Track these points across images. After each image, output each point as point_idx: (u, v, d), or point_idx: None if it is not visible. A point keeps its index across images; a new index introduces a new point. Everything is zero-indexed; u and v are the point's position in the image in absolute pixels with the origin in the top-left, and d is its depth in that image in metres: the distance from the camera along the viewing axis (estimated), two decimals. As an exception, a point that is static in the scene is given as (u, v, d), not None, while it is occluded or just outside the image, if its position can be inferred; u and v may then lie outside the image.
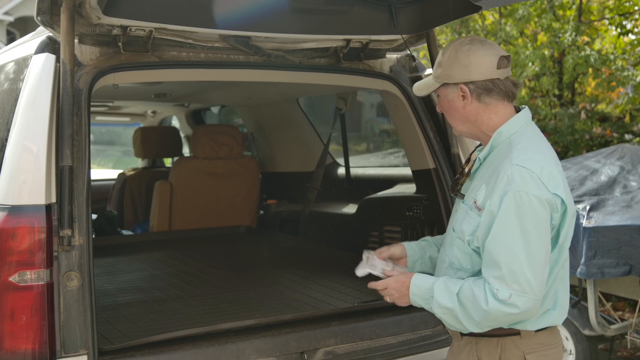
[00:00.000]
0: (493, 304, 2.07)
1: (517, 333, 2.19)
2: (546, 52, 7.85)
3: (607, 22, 8.63)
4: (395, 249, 2.49)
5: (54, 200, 2.34)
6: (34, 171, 2.33)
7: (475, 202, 2.20)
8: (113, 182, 6.61)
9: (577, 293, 4.72)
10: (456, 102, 2.24)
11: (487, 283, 2.10)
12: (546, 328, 2.23)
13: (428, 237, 2.61)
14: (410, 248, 2.52)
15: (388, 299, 2.32)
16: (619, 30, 8.18)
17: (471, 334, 2.26)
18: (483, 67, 2.19)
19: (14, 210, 2.28)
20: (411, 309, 2.90)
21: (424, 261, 2.52)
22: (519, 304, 2.05)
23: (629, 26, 8.24)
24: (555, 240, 2.14)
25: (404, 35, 3.14)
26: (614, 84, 7.56)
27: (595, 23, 8.54)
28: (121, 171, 6.71)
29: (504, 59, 2.22)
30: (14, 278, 2.25)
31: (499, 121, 2.23)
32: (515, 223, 2.05)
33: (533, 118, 2.59)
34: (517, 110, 2.29)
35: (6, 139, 2.44)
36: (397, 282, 2.30)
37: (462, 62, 2.20)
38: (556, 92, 8.37)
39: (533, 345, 2.21)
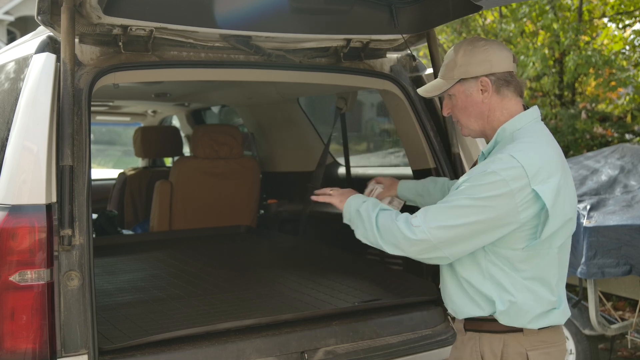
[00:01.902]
0: (402, 223, 2.22)
1: (519, 330, 2.22)
2: (546, 52, 7.85)
3: (606, 20, 8.63)
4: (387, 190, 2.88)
5: (54, 199, 2.34)
6: (34, 171, 2.33)
7: None
8: (113, 181, 6.61)
9: (578, 293, 4.72)
10: (475, 97, 2.28)
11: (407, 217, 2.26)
12: (549, 327, 2.25)
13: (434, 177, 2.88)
14: (405, 189, 2.84)
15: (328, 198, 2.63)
16: (619, 26, 8.19)
17: (474, 330, 2.28)
18: (502, 60, 2.25)
19: (14, 210, 2.28)
20: (411, 308, 2.90)
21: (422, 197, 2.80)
22: (417, 234, 2.17)
23: (628, 23, 8.25)
24: (532, 236, 2.16)
25: (404, 35, 3.13)
26: (614, 83, 7.56)
27: (596, 21, 8.54)
28: (121, 171, 6.71)
29: (515, 56, 2.31)
30: (14, 278, 2.25)
31: (508, 117, 2.28)
32: (470, 188, 2.13)
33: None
34: (526, 109, 2.32)
35: (6, 139, 2.44)
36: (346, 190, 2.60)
37: (481, 57, 2.25)
38: (557, 92, 8.37)
39: (535, 342, 2.23)
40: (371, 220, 2.33)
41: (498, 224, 2.12)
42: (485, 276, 2.22)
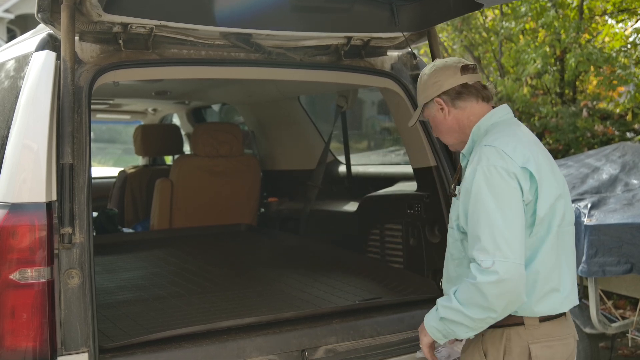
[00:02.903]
0: (479, 276, 2.13)
1: (521, 323, 2.25)
2: (547, 50, 7.84)
3: (607, 17, 8.61)
4: None
5: (54, 198, 2.34)
6: (35, 169, 2.33)
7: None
8: (114, 180, 6.60)
9: (578, 291, 4.71)
10: (438, 116, 2.47)
11: (472, 261, 2.18)
12: (552, 319, 2.27)
13: None
14: None
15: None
16: (619, 24, 8.17)
17: None
18: (448, 77, 2.44)
19: (15, 208, 2.28)
20: (412, 307, 2.91)
21: None
22: (500, 270, 2.10)
23: (630, 23, 8.23)
24: (532, 215, 2.22)
25: (405, 33, 3.13)
26: (615, 82, 7.54)
27: (597, 18, 8.52)
28: (122, 169, 6.71)
29: (467, 67, 2.45)
30: (14, 276, 2.25)
31: (477, 119, 2.42)
32: (488, 195, 2.18)
33: (533, 116, 2.73)
34: None
35: (7, 137, 2.43)
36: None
37: (432, 81, 2.46)
38: (558, 90, 8.35)
39: (537, 336, 2.26)
40: (458, 309, 2.21)
41: (520, 203, 2.18)
42: None
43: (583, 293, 4.64)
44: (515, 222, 2.16)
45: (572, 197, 4.58)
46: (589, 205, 4.39)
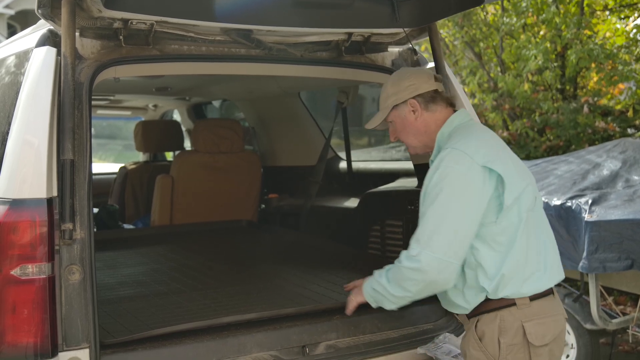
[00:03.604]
0: (405, 261, 2.39)
1: (513, 304, 2.38)
2: (548, 46, 7.82)
3: (608, 13, 8.60)
4: None
5: (55, 194, 2.34)
6: (35, 165, 2.33)
7: None
8: (114, 176, 6.60)
9: (579, 287, 4.71)
10: (408, 117, 2.61)
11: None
12: (541, 297, 2.41)
13: None
14: None
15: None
16: (621, 17, 8.14)
17: (473, 316, 2.47)
18: (424, 81, 2.61)
19: (15, 204, 2.28)
20: (412, 303, 2.91)
21: None
22: (424, 260, 2.33)
23: (631, 19, 8.21)
24: (500, 205, 2.37)
25: (405, 29, 3.12)
26: (616, 78, 7.53)
27: (598, 13, 8.50)
28: (122, 165, 6.71)
29: (437, 77, 2.66)
30: (15, 272, 2.25)
31: (442, 125, 2.59)
32: (440, 193, 2.36)
33: (534, 112, 2.89)
34: None
35: (7, 133, 2.43)
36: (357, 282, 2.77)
37: (406, 84, 2.61)
38: (558, 86, 8.34)
39: (529, 314, 2.39)
40: (384, 285, 2.51)
41: (477, 203, 2.35)
42: (470, 265, 2.41)
43: (584, 289, 4.64)
44: (460, 223, 2.33)
45: (573, 193, 4.58)
46: (590, 202, 4.39)
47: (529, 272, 2.40)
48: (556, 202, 4.54)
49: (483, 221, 2.37)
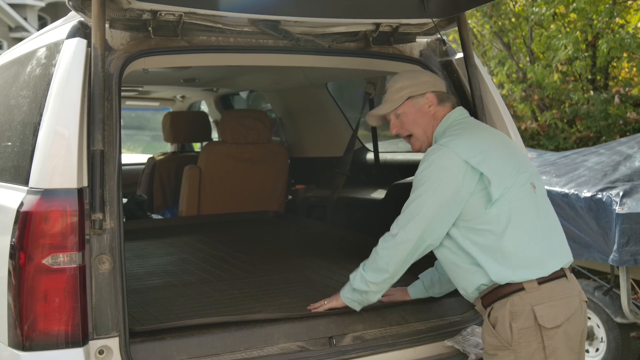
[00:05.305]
0: (381, 243, 2.60)
1: (522, 289, 2.43)
2: (579, 35, 7.70)
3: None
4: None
5: (85, 184, 2.37)
6: (66, 155, 2.36)
7: None
8: (142, 166, 6.66)
9: (609, 280, 4.66)
10: (424, 109, 2.73)
11: None
12: (551, 281, 2.45)
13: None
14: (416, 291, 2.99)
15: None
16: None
17: (487, 305, 2.51)
18: (438, 81, 2.82)
19: (47, 194, 2.31)
20: (440, 296, 2.89)
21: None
22: (398, 237, 2.54)
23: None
24: (487, 198, 2.48)
25: (434, 19, 3.10)
26: (648, 67, 7.40)
27: (630, 2, 8.35)
28: (151, 156, 6.76)
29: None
30: (47, 261, 2.28)
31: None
32: (419, 183, 2.55)
33: (564, 103, 2.95)
34: None
35: (39, 124, 2.46)
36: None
37: (423, 79, 2.78)
38: (589, 76, 8.21)
39: (539, 297, 2.43)
40: (362, 277, 2.66)
41: (452, 197, 2.48)
42: (469, 251, 2.50)
43: (614, 282, 4.59)
44: (432, 211, 2.49)
45: (604, 185, 4.52)
46: (621, 194, 4.33)
47: (533, 257, 2.46)
48: (586, 194, 4.48)
49: (473, 213, 2.48)
